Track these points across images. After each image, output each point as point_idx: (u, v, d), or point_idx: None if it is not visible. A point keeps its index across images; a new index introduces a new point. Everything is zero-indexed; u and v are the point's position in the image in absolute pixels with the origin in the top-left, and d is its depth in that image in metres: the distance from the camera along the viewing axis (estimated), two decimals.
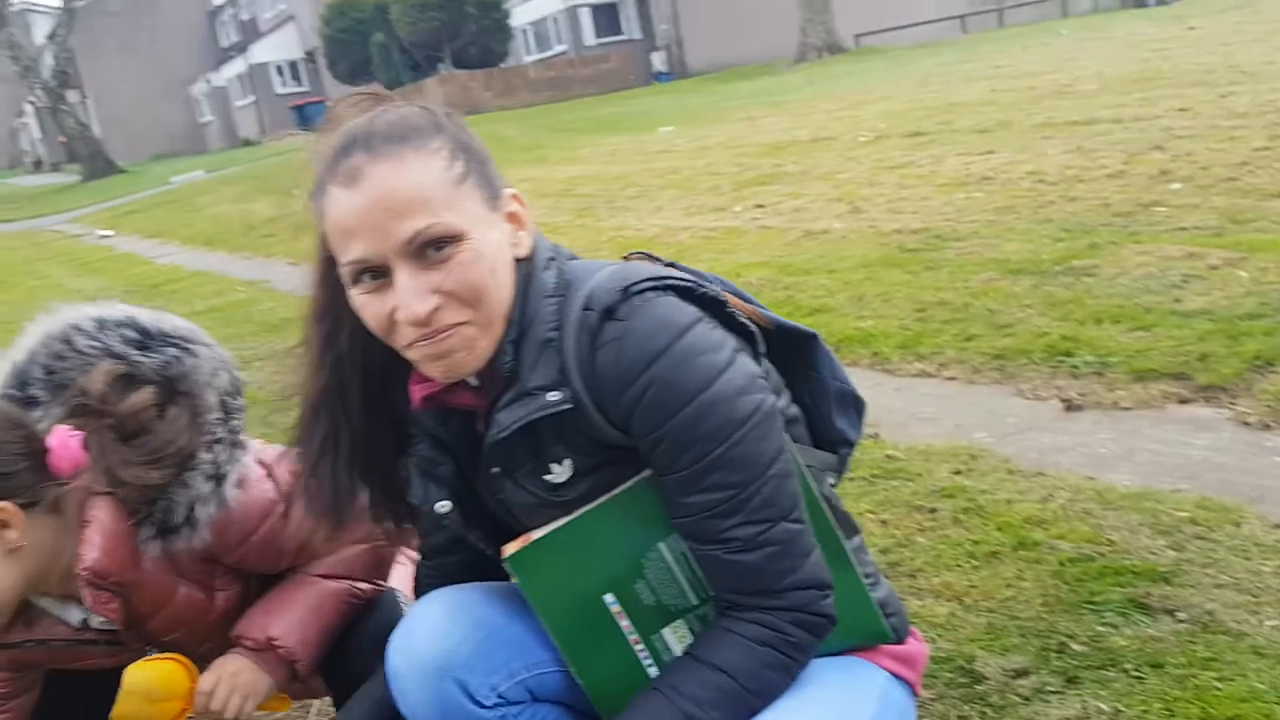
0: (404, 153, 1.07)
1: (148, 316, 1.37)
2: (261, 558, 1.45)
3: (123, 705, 1.36)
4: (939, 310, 4.01)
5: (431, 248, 1.06)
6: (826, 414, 1.34)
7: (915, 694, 1.33)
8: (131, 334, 1.34)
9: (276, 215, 10.71)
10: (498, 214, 1.14)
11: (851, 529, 1.31)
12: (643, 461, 1.16)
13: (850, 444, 1.38)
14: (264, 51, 37.48)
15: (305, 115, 34.10)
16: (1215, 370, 2.97)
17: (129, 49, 38.33)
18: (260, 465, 1.42)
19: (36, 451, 1.28)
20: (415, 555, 1.46)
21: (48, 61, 30.63)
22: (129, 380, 1.32)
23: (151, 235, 12.94)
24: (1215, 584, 1.94)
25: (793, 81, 17.42)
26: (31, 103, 36.73)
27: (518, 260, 1.16)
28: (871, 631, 1.28)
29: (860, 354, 3.75)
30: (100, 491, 1.28)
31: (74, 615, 1.41)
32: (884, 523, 2.45)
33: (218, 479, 1.33)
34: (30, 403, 1.34)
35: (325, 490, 1.24)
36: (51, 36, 32.01)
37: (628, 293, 1.12)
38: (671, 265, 1.25)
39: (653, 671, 1.24)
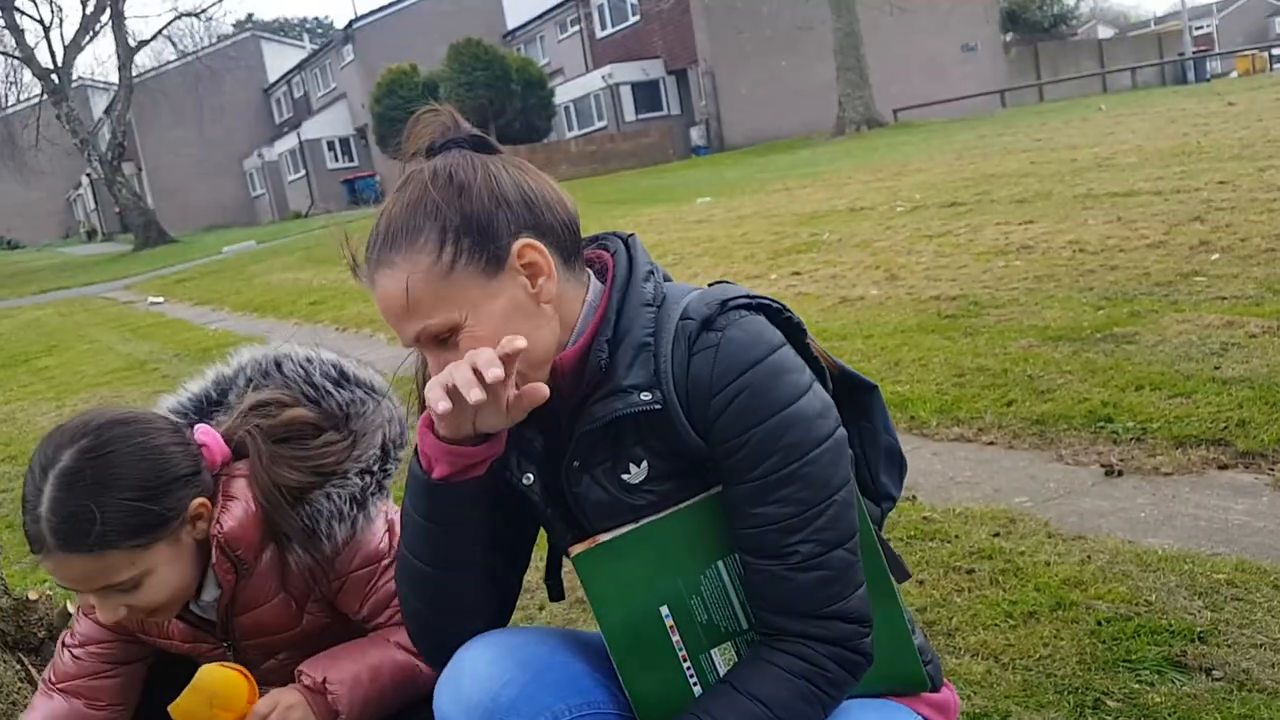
0: (394, 259, 1.17)
1: (351, 365, 1.60)
2: (348, 597, 1.56)
3: (186, 700, 1.41)
4: (978, 375, 4.03)
5: (436, 340, 1.18)
6: (874, 466, 1.38)
7: None
8: (332, 372, 1.57)
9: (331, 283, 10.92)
10: (503, 277, 1.18)
11: (903, 573, 1.34)
12: (710, 482, 1.22)
13: (893, 499, 1.40)
14: (316, 128, 38.69)
15: (355, 189, 35.07)
16: (1255, 436, 2.96)
17: (185, 123, 39.67)
18: (386, 519, 1.56)
19: (199, 454, 1.48)
20: None
21: (105, 135, 31.84)
22: (301, 402, 1.55)
23: (202, 302, 13.28)
24: (1252, 644, 1.93)
25: (830, 154, 17.65)
26: (88, 175, 38.13)
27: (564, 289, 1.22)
28: (909, 675, 1.30)
29: (897, 418, 3.77)
30: (241, 475, 1.47)
31: None
32: (921, 582, 2.45)
33: (360, 504, 1.50)
34: (218, 406, 1.60)
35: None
36: (109, 111, 33.33)
37: (725, 306, 1.21)
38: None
39: (697, 691, 1.26)
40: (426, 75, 29.77)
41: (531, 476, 1.29)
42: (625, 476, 1.23)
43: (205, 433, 1.51)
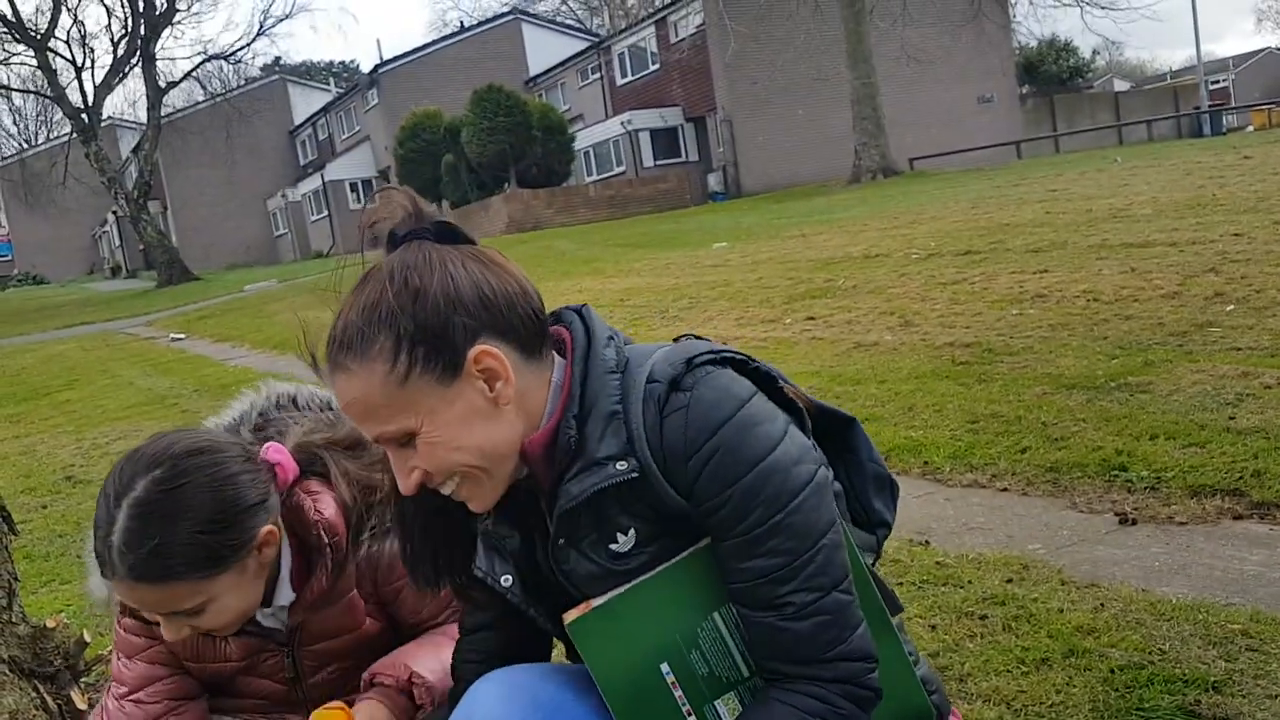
0: (350, 365, 1.18)
1: None
2: (407, 600, 1.62)
3: None
4: (992, 422, 4.03)
5: (396, 442, 1.20)
6: (864, 494, 1.39)
7: None
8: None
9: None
10: (459, 383, 1.18)
11: (895, 606, 1.34)
12: (699, 533, 1.22)
13: (887, 525, 1.42)
14: (339, 169, 39.22)
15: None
16: (1270, 487, 2.95)
17: (211, 163, 40.31)
18: None
19: (270, 476, 1.52)
20: None
21: (132, 173, 32.35)
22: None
23: (223, 339, 13.40)
24: (1267, 694, 1.92)
25: (846, 201, 17.75)
26: (114, 212, 38.73)
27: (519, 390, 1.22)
28: (915, 706, 1.30)
29: (911, 463, 3.77)
30: (314, 491, 1.54)
31: None
32: (933, 627, 2.44)
33: None
34: (263, 428, 1.67)
35: (404, 558, 1.36)
36: (137, 150, 33.89)
37: (690, 364, 1.21)
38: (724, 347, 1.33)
39: None
40: (449, 120, 30.16)
41: (510, 578, 1.30)
42: (614, 546, 1.23)
43: (277, 451, 1.55)
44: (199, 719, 1.65)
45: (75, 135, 29.93)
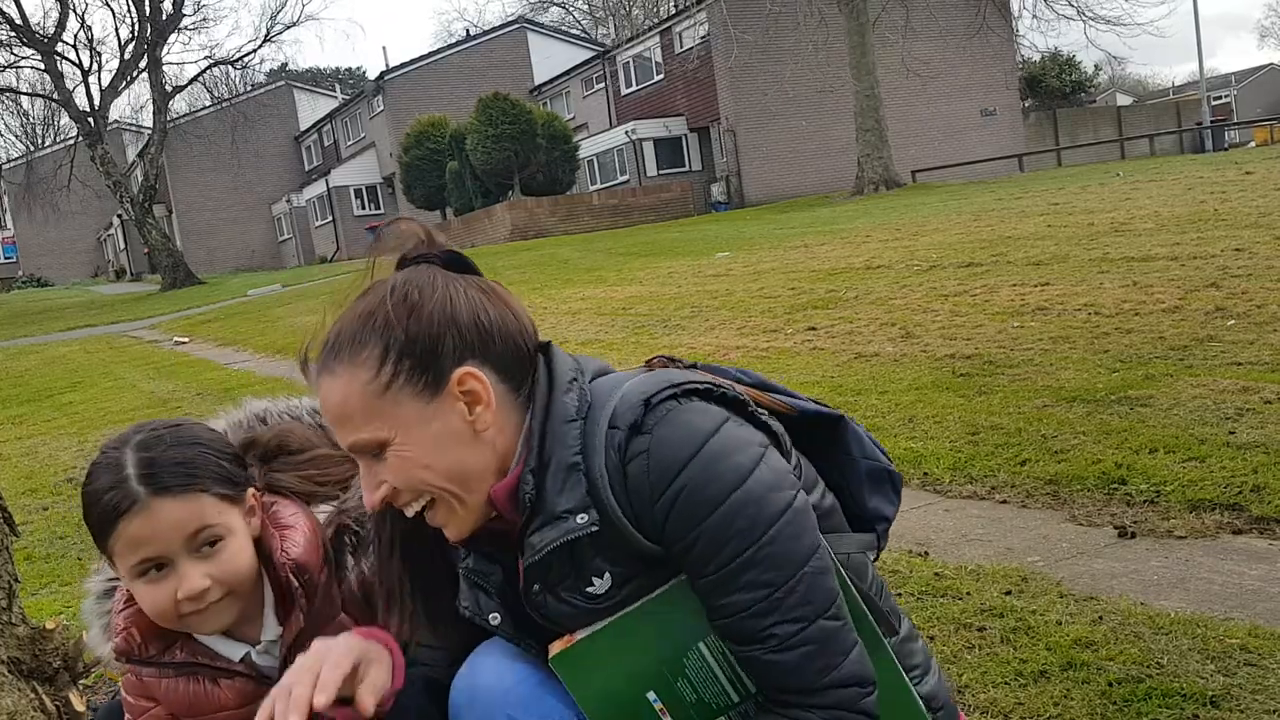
0: (336, 368, 1.20)
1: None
2: None
3: None
4: (992, 434, 4.04)
5: (368, 453, 1.20)
6: (859, 493, 1.38)
7: None
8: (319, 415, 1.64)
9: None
10: (440, 402, 1.18)
11: (891, 628, 1.32)
12: (678, 568, 1.21)
13: (887, 520, 1.40)
14: (344, 175, 39.29)
15: (380, 236, 35.53)
16: (1269, 502, 2.96)
17: (216, 168, 40.41)
18: None
19: (240, 457, 1.55)
20: None
21: (137, 177, 32.39)
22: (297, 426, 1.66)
23: (226, 343, 13.41)
24: (1265, 709, 1.92)
25: (848, 213, 17.78)
26: (120, 215, 38.77)
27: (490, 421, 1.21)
28: None
29: (911, 474, 3.77)
30: (280, 503, 1.53)
31: (235, 650, 1.51)
32: (931, 639, 2.44)
33: None
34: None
35: (383, 592, 1.35)
36: (142, 154, 33.94)
37: (650, 405, 1.18)
38: (693, 367, 1.31)
39: None
40: (454, 127, 30.23)
41: (498, 616, 1.29)
42: (590, 589, 1.22)
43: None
44: None
45: (81, 139, 30.01)
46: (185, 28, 31.27)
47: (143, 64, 30.30)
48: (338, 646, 1.27)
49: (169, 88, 31.60)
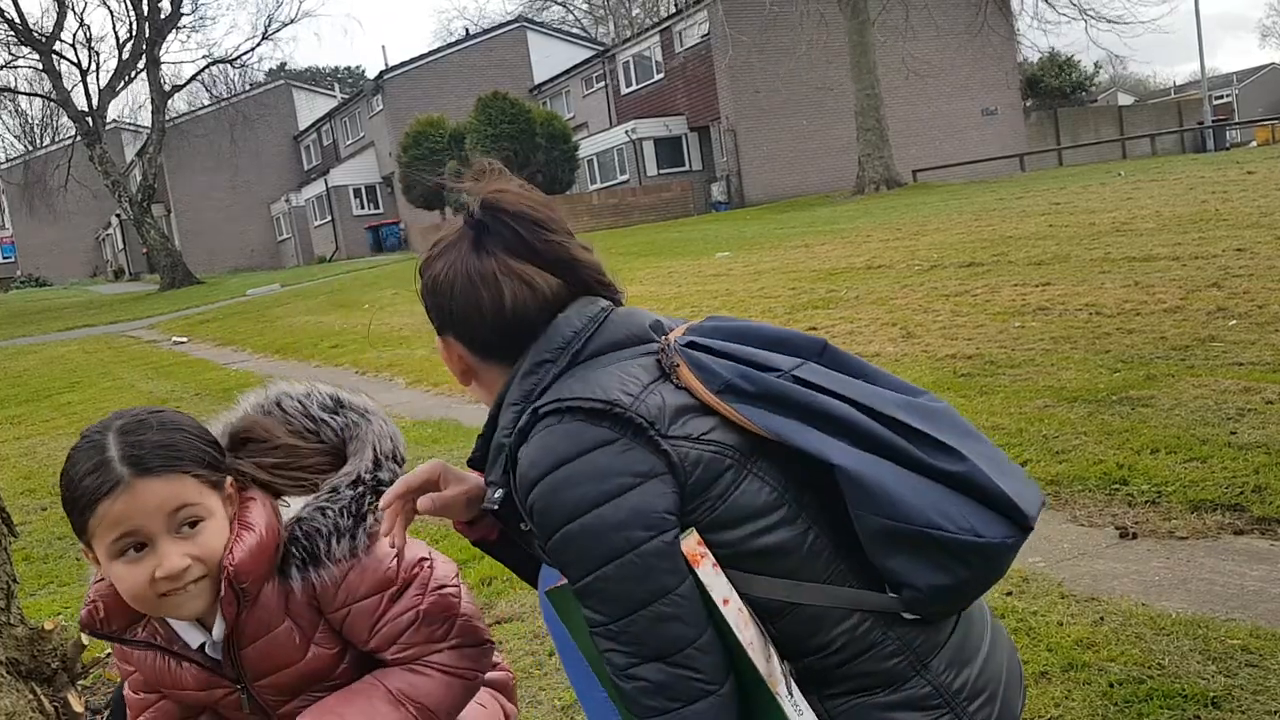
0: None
1: (347, 394, 1.72)
2: (355, 627, 1.55)
3: None
4: (993, 434, 4.03)
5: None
6: (872, 551, 1.18)
7: None
8: (328, 402, 1.68)
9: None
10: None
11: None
12: None
13: (917, 589, 1.16)
14: (343, 175, 39.25)
15: (379, 236, 35.60)
16: (1270, 502, 2.95)
17: (215, 167, 40.37)
18: (393, 547, 1.54)
19: (219, 444, 1.55)
20: (497, 696, 1.68)
21: (136, 177, 32.35)
22: (302, 433, 1.65)
23: (224, 343, 13.41)
24: (1266, 710, 1.91)
25: (849, 212, 17.77)
26: (118, 215, 38.72)
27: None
28: None
29: None
30: (251, 499, 1.52)
31: (195, 637, 1.53)
32: None
33: (356, 516, 1.53)
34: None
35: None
36: (141, 153, 33.90)
37: (537, 415, 1.22)
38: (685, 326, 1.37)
39: None
40: (454, 127, 30.22)
41: (500, 492, 1.31)
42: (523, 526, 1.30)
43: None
44: None
45: (80, 138, 29.99)
46: (183, 26, 31.27)
47: (141, 63, 30.27)
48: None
49: (167, 87, 31.58)
